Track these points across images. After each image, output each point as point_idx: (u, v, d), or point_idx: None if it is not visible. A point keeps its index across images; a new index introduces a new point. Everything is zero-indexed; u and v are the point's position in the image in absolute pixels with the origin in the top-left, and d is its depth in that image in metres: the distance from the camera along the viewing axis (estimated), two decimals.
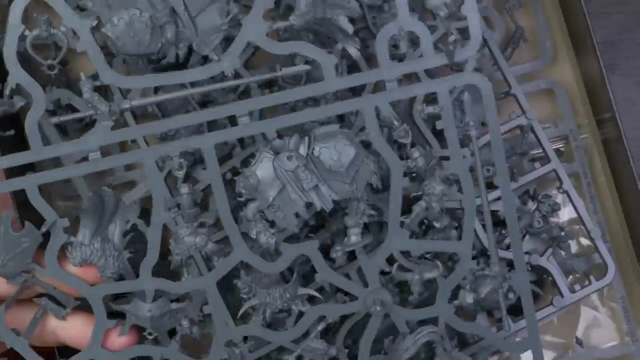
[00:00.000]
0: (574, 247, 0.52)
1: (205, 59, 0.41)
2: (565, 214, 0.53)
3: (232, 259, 0.40)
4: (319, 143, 0.38)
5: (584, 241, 0.53)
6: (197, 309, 0.44)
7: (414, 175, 0.42)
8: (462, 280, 0.41)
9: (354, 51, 0.38)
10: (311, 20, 0.37)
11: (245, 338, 0.43)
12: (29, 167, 0.40)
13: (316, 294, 0.42)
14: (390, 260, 0.41)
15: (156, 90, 0.43)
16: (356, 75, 0.38)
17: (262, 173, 0.39)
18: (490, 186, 0.45)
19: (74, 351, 0.41)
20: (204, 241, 0.40)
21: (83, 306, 0.41)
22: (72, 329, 0.42)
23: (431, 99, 0.41)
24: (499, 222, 0.45)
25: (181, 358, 0.41)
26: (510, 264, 0.43)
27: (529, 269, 0.48)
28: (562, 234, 0.48)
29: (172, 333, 0.43)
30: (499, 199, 0.44)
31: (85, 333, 0.41)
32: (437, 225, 0.41)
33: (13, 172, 0.39)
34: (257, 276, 0.42)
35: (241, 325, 0.42)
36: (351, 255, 0.42)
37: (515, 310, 0.44)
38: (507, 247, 0.46)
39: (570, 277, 0.51)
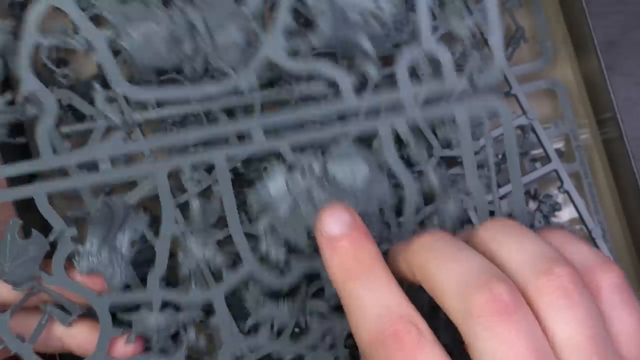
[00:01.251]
0: None
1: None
2: (566, 214, 0.52)
3: (241, 273, 0.40)
4: (333, 161, 0.38)
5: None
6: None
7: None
8: None
9: (373, 71, 0.37)
10: (332, 40, 0.36)
11: None
12: (32, 176, 0.40)
13: (325, 308, 0.42)
14: None
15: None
16: (374, 95, 0.38)
17: (275, 188, 0.38)
18: None
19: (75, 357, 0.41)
20: (213, 253, 0.40)
21: (89, 314, 0.41)
22: (79, 336, 0.41)
23: None
24: None
25: None
26: None
27: None
28: None
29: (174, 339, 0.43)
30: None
31: (92, 341, 0.41)
32: None
33: (13, 181, 0.38)
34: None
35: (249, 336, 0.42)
36: None
37: None
38: None
39: None
